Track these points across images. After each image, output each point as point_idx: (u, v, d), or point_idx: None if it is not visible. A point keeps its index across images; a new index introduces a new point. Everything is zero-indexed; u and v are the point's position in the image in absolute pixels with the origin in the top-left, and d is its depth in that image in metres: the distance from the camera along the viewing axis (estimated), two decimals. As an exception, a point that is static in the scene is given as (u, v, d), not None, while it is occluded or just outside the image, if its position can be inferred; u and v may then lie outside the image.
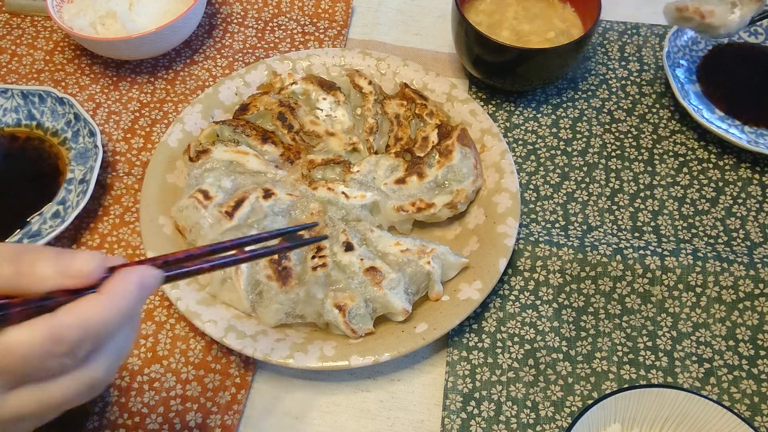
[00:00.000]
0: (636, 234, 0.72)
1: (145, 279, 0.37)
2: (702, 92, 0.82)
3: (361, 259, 0.63)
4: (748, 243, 0.71)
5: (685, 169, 0.77)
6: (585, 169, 0.78)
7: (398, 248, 0.65)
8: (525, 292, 0.67)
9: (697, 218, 0.74)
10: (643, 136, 0.80)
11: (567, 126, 0.81)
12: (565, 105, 0.83)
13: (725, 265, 0.68)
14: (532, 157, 0.78)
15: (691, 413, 0.54)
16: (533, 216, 0.74)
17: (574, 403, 0.61)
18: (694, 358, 0.64)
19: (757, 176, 0.77)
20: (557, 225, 0.73)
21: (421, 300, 0.65)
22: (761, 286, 0.66)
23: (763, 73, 0.84)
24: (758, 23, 0.84)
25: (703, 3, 0.74)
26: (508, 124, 0.81)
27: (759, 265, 0.67)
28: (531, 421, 0.61)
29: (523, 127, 0.81)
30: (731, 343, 0.64)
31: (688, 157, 0.78)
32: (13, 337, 0.33)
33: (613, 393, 0.54)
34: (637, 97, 0.84)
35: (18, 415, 0.35)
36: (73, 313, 0.34)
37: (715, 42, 0.85)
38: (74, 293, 0.35)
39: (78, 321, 0.34)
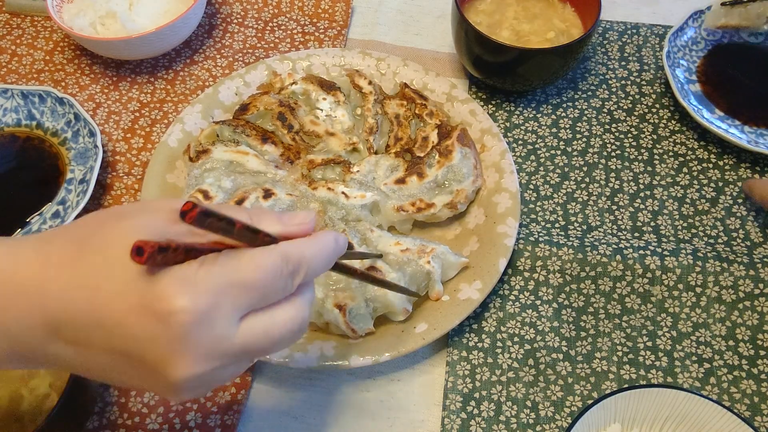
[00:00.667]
0: (636, 234, 0.72)
1: (339, 238, 0.42)
2: (702, 92, 0.82)
3: (362, 260, 0.63)
4: (748, 243, 0.71)
5: (685, 169, 0.77)
6: (585, 169, 0.78)
7: (398, 248, 0.65)
8: (525, 292, 0.68)
9: (697, 218, 0.74)
10: (643, 136, 0.80)
11: (567, 126, 0.81)
12: (565, 105, 0.83)
13: (725, 265, 0.68)
14: (532, 157, 0.78)
15: (691, 413, 0.54)
16: (533, 216, 0.74)
17: (574, 403, 0.61)
18: (694, 358, 0.64)
19: (757, 176, 0.77)
20: (557, 225, 0.73)
21: (421, 300, 0.65)
22: (761, 286, 0.66)
23: (763, 73, 0.84)
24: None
25: (743, 19, 0.80)
26: (508, 124, 0.81)
27: (759, 265, 0.67)
28: (531, 421, 0.61)
29: (523, 127, 0.81)
30: (731, 343, 0.64)
31: (688, 157, 0.78)
32: (260, 257, 0.36)
33: (613, 393, 0.54)
34: (637, 97, 0.84)
35: (244, 349, 0.37)
36: (293, 244, 0.39)
37: (715, 42, 0.85)
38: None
39: (298, 249, 0.38)
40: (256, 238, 0.37)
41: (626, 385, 0.62)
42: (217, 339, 0.35)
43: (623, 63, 0.87)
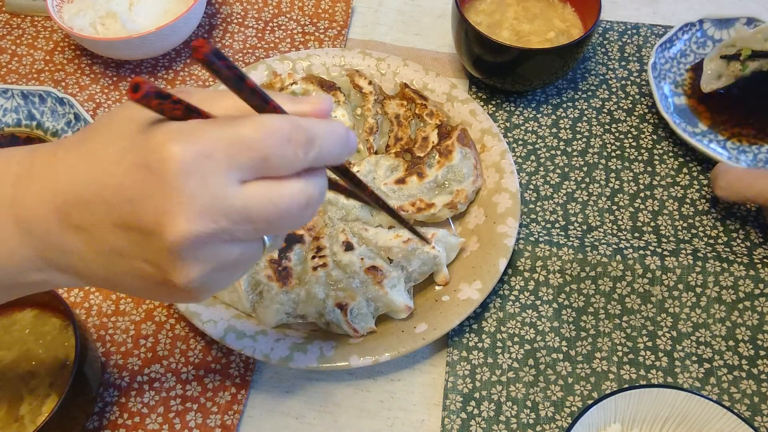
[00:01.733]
0: (636, 234, 0.72)
1: (351, 134, 0.39)
2: (687, 106, 0.81)
3: (362, 259, 0.63)
4: (748, 243, 0.71)
5: (685, 170, 0.77)
6: (585, 169, 0.78)
7: (399, 240, 0.65)
8: (525, 293, 0.68)
9: (697, 218, 0.74)
10: (643, 136, 0.80)
11: (567, 126, 0.81)
12: (565, 105, 0.83)
13: (725, 265, 0.68)
14: (532, 157, 0.78)
15: (691, 413, 0.54)
16: (533, 216, 0.74)
17: (574, 403, 0.61)
18: (694, 358, 0.64)
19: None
20: (557, 225, 0.73)
21: (421, 300, 0.65)
22: (761, 286, 0.66)
23: (748, 89, 0.81)
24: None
25: (750, 42, 0.77)
26: (508, 124, 0.81)
27: (759, 265, 0.67)
28: (531, 421, 0.61)
29: (523, 127, 0.81)
30: (731, 343, 0.64)
31: (687, 158, 0.78)
32: (265, 117, 0.34)
33: (612, 393, 0.54)
34: (637, 97, 0.84)
35: (246, 213, 0.34)
36: (305, 118, 0.36)
37: (704, 55, 0.83)
38: None
39: (310, 122, 0.36)
40: (265, 105, 0.35)
41: (626, 385, 0.62)
42: (213, 195, 0.33)
43: (623, 63, 0.87)
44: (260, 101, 0.35)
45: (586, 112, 0.82)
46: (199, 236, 0.33)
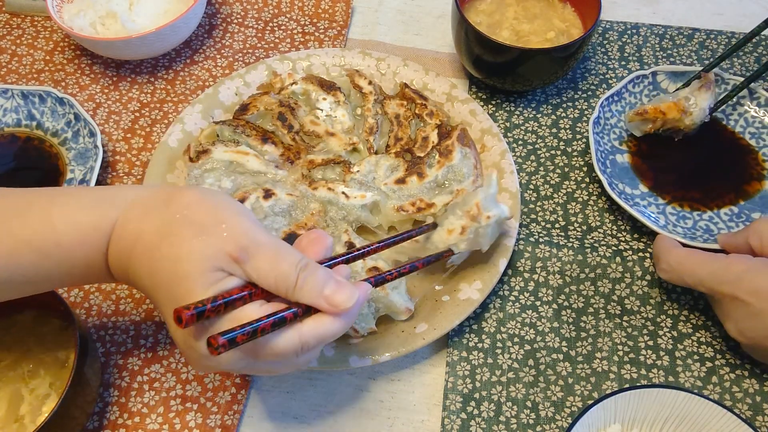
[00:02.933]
0: (635, 235, 0.72)
1: (364, 296, 0.46)
2: (630, 164, 0.76)
3: (363, 259, 0.63)
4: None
5: (685, 169, 0.77)
6: (585, 169, 0.78)
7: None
8: (525, 293, 0.67)
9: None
10: (643, 136, 0.80)
11: (567, 126, 0.81)
12: (565, 105, 0.83)
13: (725, 265, 0.67)
14: (532, 157, 0.78)
15: (691, 413, 0.54)
16: (533, 216, 0.74)
17: (574, 404, 0.61)
18: (695, 357, 0.64)
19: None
20: (557, 225, 0.73)
21: (421, 300, 0.65)
22: (761, 286, 0.66)
23: (694, 153, 0.77)
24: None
25: (656, 102, 0.75)
26: (508, 124, 0.81)
27: (759, 265, 0.67)
28: (531, 421, 0.61)
29: (523, 127, 0.81)
30: (732, 343, 0.64)
31: (688, 157, 0.78)
32: (278, 343, 0.44)
33: (612, 393, 0.54)
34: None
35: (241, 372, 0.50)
36: (317, 327, 0.44)
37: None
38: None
39: (319, 334, 0.44)
40: (284, 323, 0.43)
41: (627, 385, 0.62)
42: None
43: (623, 63, 0.87)
44: (279, 323, 0.44)
45: (586, 112, 0.82)
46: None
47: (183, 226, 0.44)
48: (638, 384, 0.62)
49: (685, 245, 0.64)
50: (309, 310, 0.45)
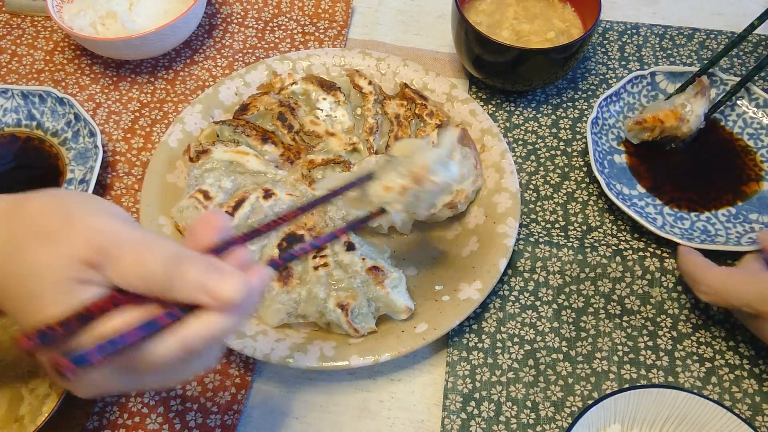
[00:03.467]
0: (636, 235, 0.72)
1: (263, 281, 0.40)
2: (627, 164, 0.76)
3: (363, 258, 0.63)
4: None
5: (685, 170, 0.77)
6: (585, 169, 0.78)
7: (390, 194, 0.56)
8: (525, 293, 0.68)
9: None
10: (643, 136, 0.80)
11: (567, 126, 0.81)
12: (565, 105, 0.83)
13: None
14: (532, 157, 0.78)
15: (691, 413, 0.54)
16: (533, 216, 0.74)
17: (574, 404, 0.61)
18: (695, 358, 0.64)
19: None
20: (557, 225, 0.73)
21: (421, 300, 0.65)
22: (761, 286, 0.66)
23: (692, 153, 0.77)
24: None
25: (654, 110, 0.74)
26: (508, 124, 0.81)
27: (759, 266, 0.67)
28: (531, 421, 0.61)
29: (523, 127, 0.81)
30: (731, 343, 0.64)
31: (688, 158, 0.78)
32: (156, 353, 0.37)
33: (612, 393, 0.54)
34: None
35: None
36: (203, 327, 0.38)
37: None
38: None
39: (206, 335, 0.38)
40: (155, 328, 0.37)
41: (626, 386, 0.62)
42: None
43: (623, 63, 0.87)
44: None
45: (586, 112, 0.82)
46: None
47: (28, 239, 0.39)
48: (638, 384, 0.62)
49: (685, 246, 0.64)
50: (194, 309, 0.38)
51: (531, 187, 0.76)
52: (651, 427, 0.56)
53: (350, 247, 0.64)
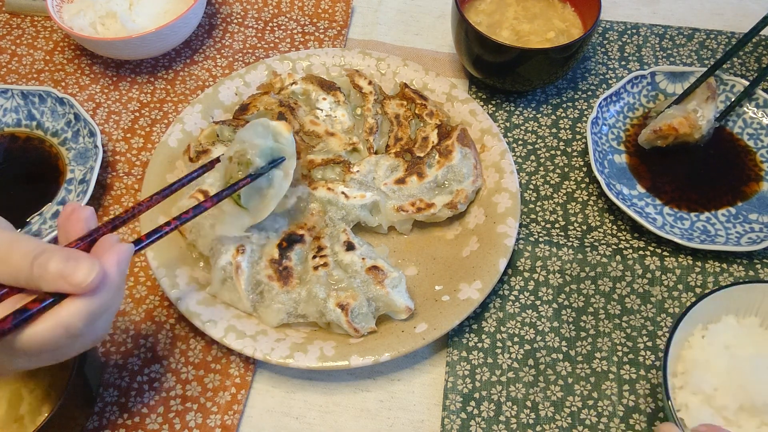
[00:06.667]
0: (636, 234, 0.72)
1: (121, 257, 0.45)
2: (627, 164, 0.76)
3: (363, 258, 0.63)
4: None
5: (684, 170, 0.77)
6: (585, 169, 0.78)
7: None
8: (525, 293, 0.68)
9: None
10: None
11: (567, 126, 0.81)
12: (565, 105, 0.83)
13: (725, 265, 0.68)
14: (532, 157, 0.78)
15: None
16: (533, 216, 0.74)
17: (573, 404, 0.61)
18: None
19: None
20: (557, 225, 0.73)
21: (421, 300, 0.65)
22: (761, 286, 0.66)
23: (692, 153, 0.76)
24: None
25: (668, 118, 0.74)
26: (508, 124, 0.81)
27: (758, 266, 0.67)
28: (531, 421, 0.61)
29: (523, 127, 0.81)
30: (731, 343, 0.64)
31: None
32: (35, 332, 0.42)
33: (725, 286, 0.58)
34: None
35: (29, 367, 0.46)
36: (76, 308, 0.42)
37: (650, 110, 0.79)
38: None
39: (82, 314, 0.42)
40: (25, 314, 0.41)
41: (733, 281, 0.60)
42: None
43: (623, 63, 0.87)
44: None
45: (586, 112, 0.82)
46: None
47: None
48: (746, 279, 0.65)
49: (683, 246, 0.64)
50: (66, 296, 0.43)
51: (531, 187, 0.76)
52: (765, 318, 0.59)
53: (350, 247, 0.64)
